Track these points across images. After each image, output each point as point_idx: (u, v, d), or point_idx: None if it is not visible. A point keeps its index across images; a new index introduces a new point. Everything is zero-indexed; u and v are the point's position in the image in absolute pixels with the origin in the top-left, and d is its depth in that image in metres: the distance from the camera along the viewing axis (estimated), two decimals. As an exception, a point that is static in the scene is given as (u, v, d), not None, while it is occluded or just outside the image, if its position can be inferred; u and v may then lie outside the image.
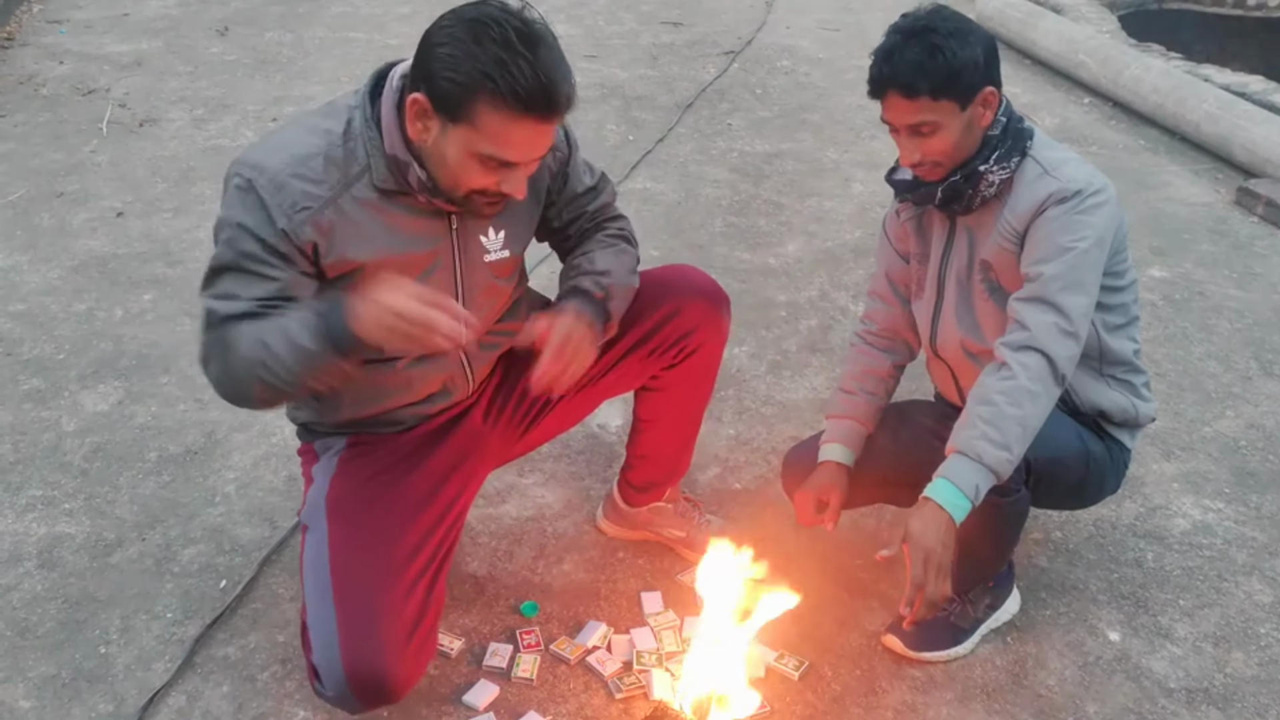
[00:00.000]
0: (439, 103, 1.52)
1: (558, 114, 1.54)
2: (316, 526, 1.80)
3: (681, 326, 1.97)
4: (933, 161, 1.78)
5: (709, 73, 5.02)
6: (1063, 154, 1.83)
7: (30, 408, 2.66)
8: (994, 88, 1.76)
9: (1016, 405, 1.69)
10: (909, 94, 1.71)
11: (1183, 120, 4.28)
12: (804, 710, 1.91)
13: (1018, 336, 1.74)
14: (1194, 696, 1.95)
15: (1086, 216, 1.74)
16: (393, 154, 1.62)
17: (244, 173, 1.60)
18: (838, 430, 2.05)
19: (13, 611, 2.09)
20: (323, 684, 1.70)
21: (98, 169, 3.97)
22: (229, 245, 1.61)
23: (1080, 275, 1.74)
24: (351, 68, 5.04)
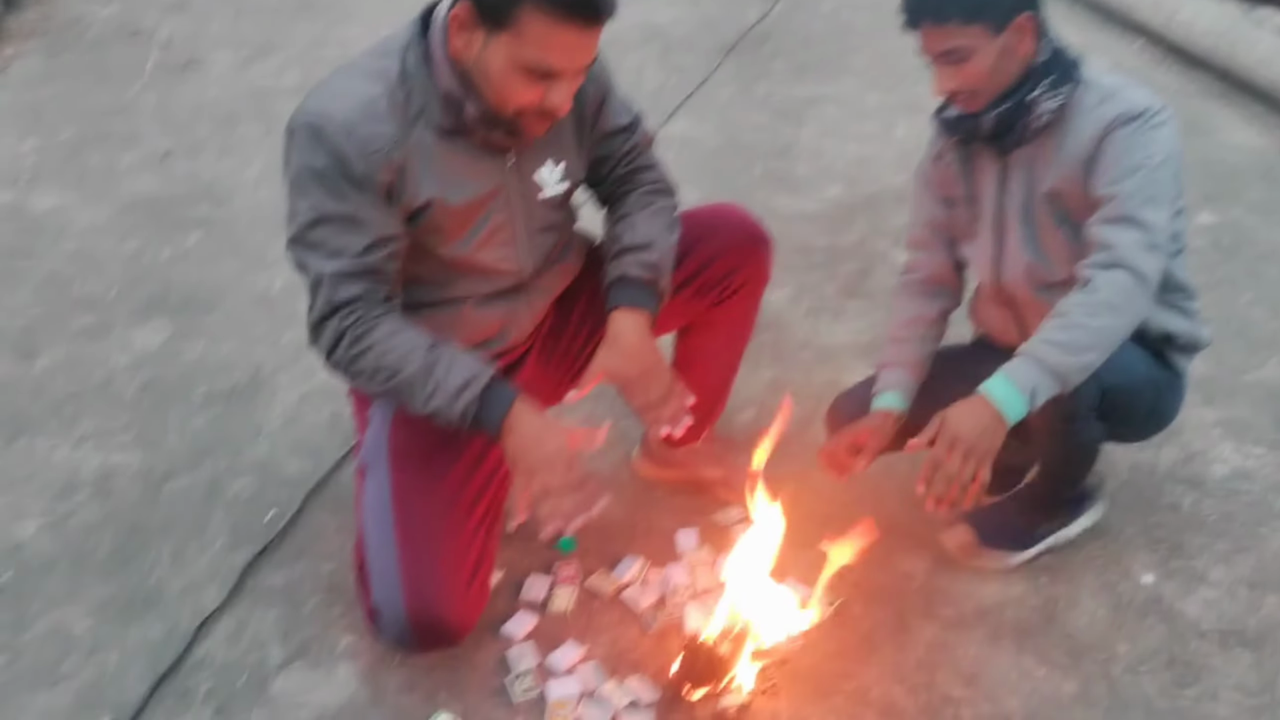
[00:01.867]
0: (483, 11, 1.54)
1: (600, 19, 1.55)
2: (377, 468, 1.83)
3: (724, 266, 1.99)
4: (969, 89, 1.76)
5: (752, 14, 4.96)
6: (1118, 79, 1.80)
7: (83, 343, 2.73)
8: (1030, 13, 1.73)
9: (1093, 316, 1.68)
10: (939, 19, 1.70)
11: (1235, 64, 4.18)
12: (835, 646, 1.94)
13: (1101, 256, 1.71)
14: (1226, 638, 1.96)
15: (1155, 133, 1.72)
16: (447, 90, 1.64)
17: (313, 121, 1.61)
18: (890, 379, 2.04)
19: (70, 537, 2.16)
20: (382, 625, 1.76)
21: (144, 110, 4.02)
22: (315, 193, 1.63)
23: (1157, 189, 1.71)
24: (394, 9, 5.01)
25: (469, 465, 1.84)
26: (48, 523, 2.19)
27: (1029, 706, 1.83)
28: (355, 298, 1.67)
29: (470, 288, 1.84)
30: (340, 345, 1.68)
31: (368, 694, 1.85)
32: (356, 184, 1.63)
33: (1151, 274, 1.71)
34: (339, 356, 1.70)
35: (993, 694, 1.85)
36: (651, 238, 1.87)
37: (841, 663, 1.90)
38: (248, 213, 3.33)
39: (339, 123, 1.61)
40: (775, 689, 1.84)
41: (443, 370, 1.65)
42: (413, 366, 1.65)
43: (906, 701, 1.84)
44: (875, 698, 1.85)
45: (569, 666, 1.88)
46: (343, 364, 1.71)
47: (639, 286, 1.84)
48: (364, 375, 1.70)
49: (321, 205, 1.64)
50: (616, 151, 1.94)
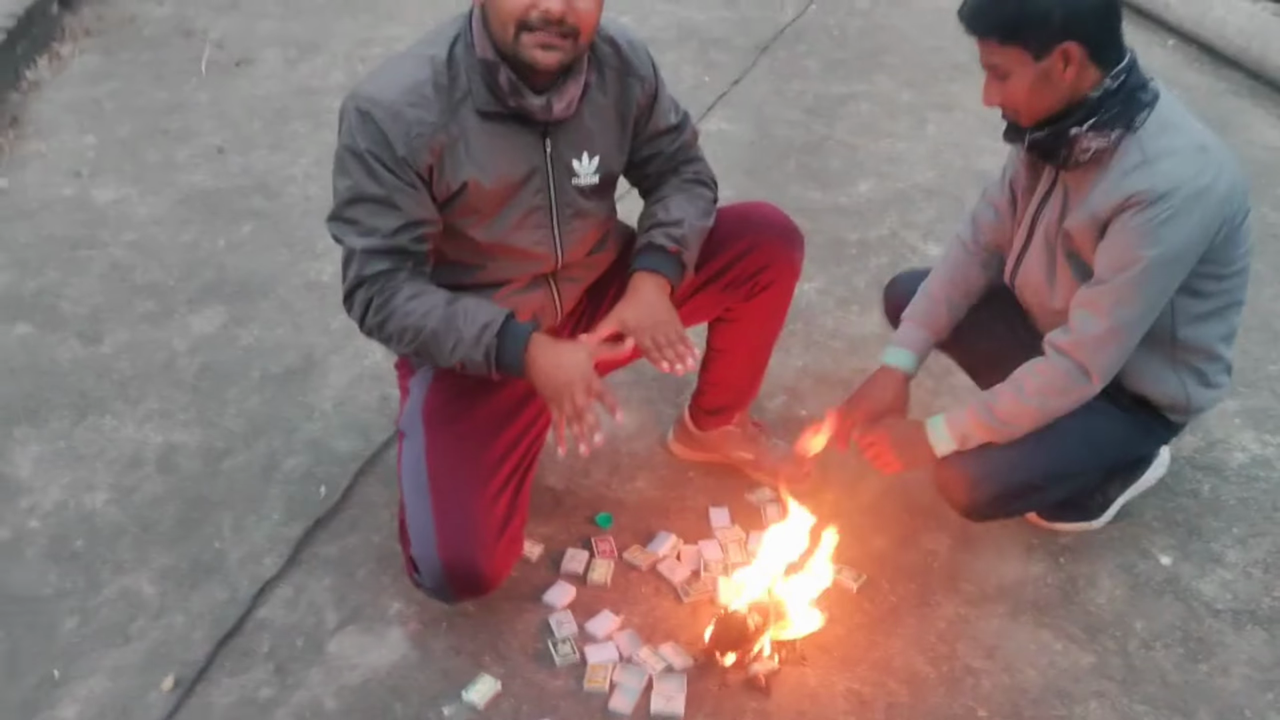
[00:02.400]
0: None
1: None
2: (414, 434, 1.95)
3: (756, 262, 2.07)
4: (1011, 109, 1.77)
5: (787, 14, 5.04)
6: (1176, 140, 1.73)
7: (145, 328, 2.86)
8: (1078, 43, 1.67)
9: (1045, 400, 1.87)
10: (977, 32, 1.72)
11: (1267, 63, 4.22)
12: (861, 619, 2.03)
13: (1065, 340, 1.83)
14: (1240, 617, 2.03)
15: (1165, 228, 1.69)
16: (483, 57, 1.74)
17: (361, 105, 1.73)
18: (910, 336, 2.12)
19: (136, 509, 2.29)
20: (421, 575, 1.87)
21: (198, 107, 4.16)
22: (355, 174, 1.75)
23: (1140, 291, 1.75)
24: (436, 9, 5.15)
25: (497, 426, 1.95)
26: (115, 495, 2.32)
27: (1046, 678, 1.91)
28: (381, 272, 1.79)
29: (504, 272, 1.95)
30: (369, 313, 1.81)
31: (417, 656, 1.96)
32: (396, 166, 1.74)
33: (1103, 369, 1.83)
34: (369, 323, 1.83)
35: (1011, 665, 1.94)
36: (683, 216, 1.96)
37: (867, 634, 1.99)
38: (298, 205, 3.46)
39: (386, 106, 1.72)
40: (803, 658, 1.93)
41: (462, 321, 1.77)
42: (434, 322, 1.77)
43: (929, 671, 1.93)
44: (899, 667, 1.93)
45: (606, 633, 1.99)
46: (373, 329, 1.83)
47: (662, 254, 1.93)
48: (393, 338, 1.82)
49: (360, 185, 1.75)
50: (665, 150, 2.03)
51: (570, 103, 1.81)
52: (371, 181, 1.75)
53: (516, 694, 1.89)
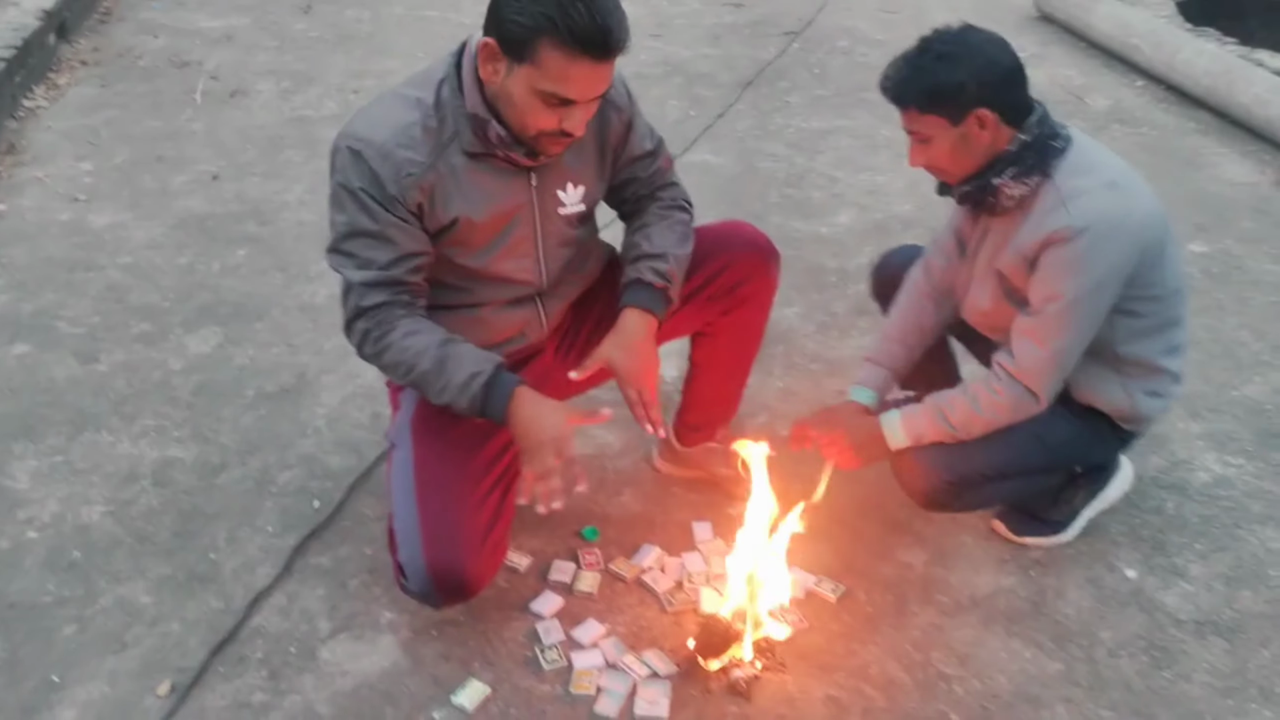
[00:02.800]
0: (506, 45, 1.71)
1: (612, 54, 1.70)
2: (403, 444, 2.02)
3: (733, 277, 2.16)
4: (936, 169, 1.95)
5: (769, 52, 5.18)
6: (1089, 180, 1.89)
7: (140, 348, 2.93)
8: (989, 110, 1.85)
9: (991, 411, 2.01)
10: (898, 104, 1.91)
11: (1233, 103, 4.37)
12: (839, 628, 2.10)
13: (1010, 364, 1.98)
14: (1202, 627, 2.11)
15: (1085, 260, 1.85)
16: (474, 112, 1.81)
17: (353, 145, 1.80)
18: (871, 376, 2.25)
19: (132, 521, 2.34)
20: (408, 579, 1.93)
21: (193, 135, 4.24)
22: (350, 210, 1.83)
23: (1072, 318, 1.91)
24: (427, 44, 5.28)
25: (483, 435, 2.01)
26: (111, 508, 2.38)
27: (1016, 684, 1.99)
28: (379, 304, 1.87)
29: (491, 294, 2.03)
30: (366, 343, 1.90)
31: (407, 662, 2.02)
32: (388, 204, 1.82)
33: (1046, 391, 1.99)
34: (366, 352, 1.92)
35: (984, 672, 2.01)
36: (666, 248, 2.05)
37: (845, 642, 2.06)
38: (292, 230, 3.54)
39: (376, 147, 1.80)
40: (782, 664, 2.00)
41: (453, 366, 1.85)
42: (426, 364, 1.85)
43: (904, 677, 1.99)
44: (875, 674, 2.00)
45: (592, 640, 2.05)
46: (370, 358, 1.93)
47: (650, 291, 2.01)
48: (388, 369, 1.93)
49: (355, 220, 1.83)
50: (640, 175, 2.12)
51: (559, 154, 1.91)
52: (366, 217, 1.82)
53: (505, 698, 1.95)
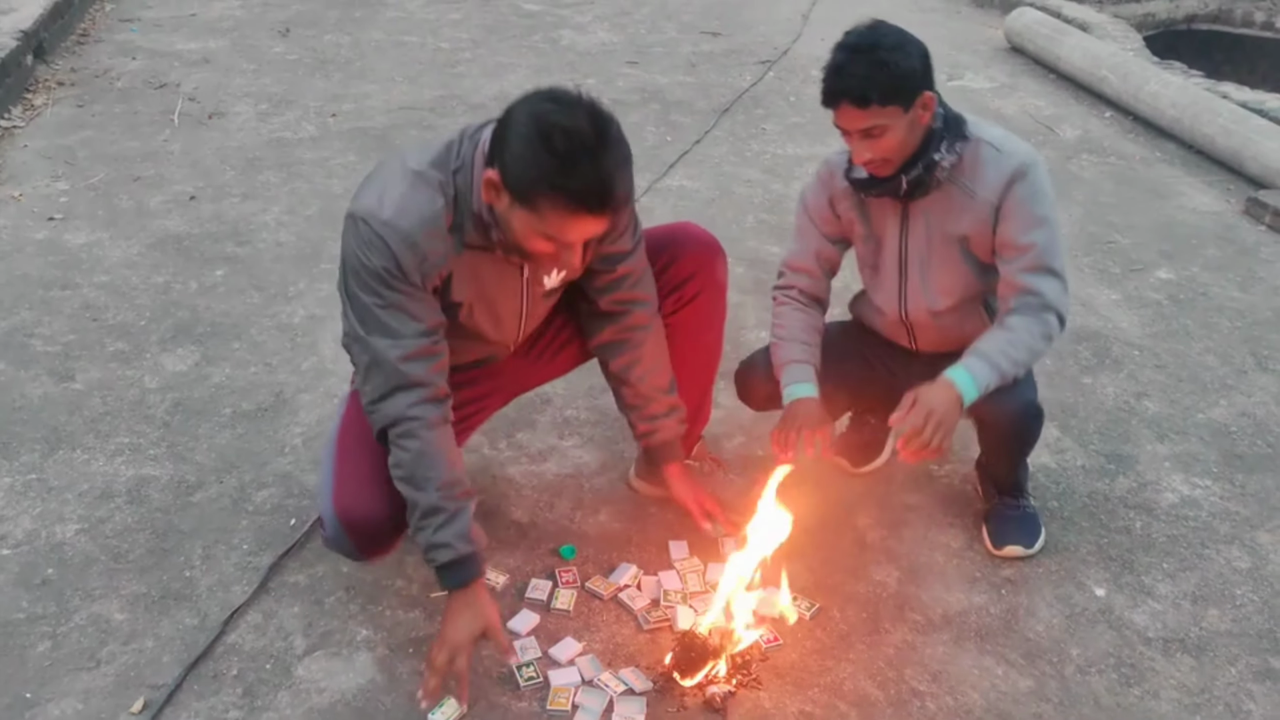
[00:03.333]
0: (509, 186, 1.72)
1: (613, 211, 1.72)
2: (338, 411, 2.11)
3: (680, 273, 2.22)
4: (882, 159, 2.02)
5: (745, 80, 5.25)
6: (994, 130, 2.12)
7: (116, 366, 2.92)
8: (931, 92, 2.00)
9: (1034, 340, 2.07)
10: (860, 104, 1.95)
11: (1198, 134, 4.46)
12: (813, 645, 2.11)
13: (1032, 300, 2.07)
14: (1170, 645, 2.14)
15: (1044, 185, 2.07)
16: (479, 212, 1.83)
17: (376, 228, 1.81)
18: (800, 372, 2.27)
19: (106, 539, 2.33)
20: (325, 529, 1.99)
21: (170, 156, 4.25)
22: (373, 287, 1.84)
23: (1058, 239, 2.09)
24: (406, 69, 5.31)
25: None
26: (86, 526, 2.37)
27: (988, 700, 2.01)
28: (419, 382, 1.89)
29: (469, 342, 2.08)
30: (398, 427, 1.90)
31: (384, 679, 2.02)
32: (410, 285, 1.85)
33: (1068, 314, 2.10)
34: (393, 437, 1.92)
35: (956, 689, 2.03)
36: (665, 382, 2.23)
37: (819, 659, 2.08)
38: (270, 250, 3.54)
39: (403, 235, 1.81)
40: (757, 681, 2.01)
41: (439, 522, 1.90)
42: (423, 500, 1.90)
43: (877, 694, 2.01)
44: (849, 691, 2.02)
45: (569, 658, 2.05)
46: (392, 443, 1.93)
47: (672, 445, 2.28)
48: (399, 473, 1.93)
49: (381, 294, 1.85)
50: (611, 265, 2.10)
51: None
52: (392, 292, 1.84)
53: (481, 715, 1.95)
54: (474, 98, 4.91)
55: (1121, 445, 2.71)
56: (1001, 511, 2.37)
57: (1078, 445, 2.71)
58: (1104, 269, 3.59)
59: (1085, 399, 2.89)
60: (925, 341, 2.32)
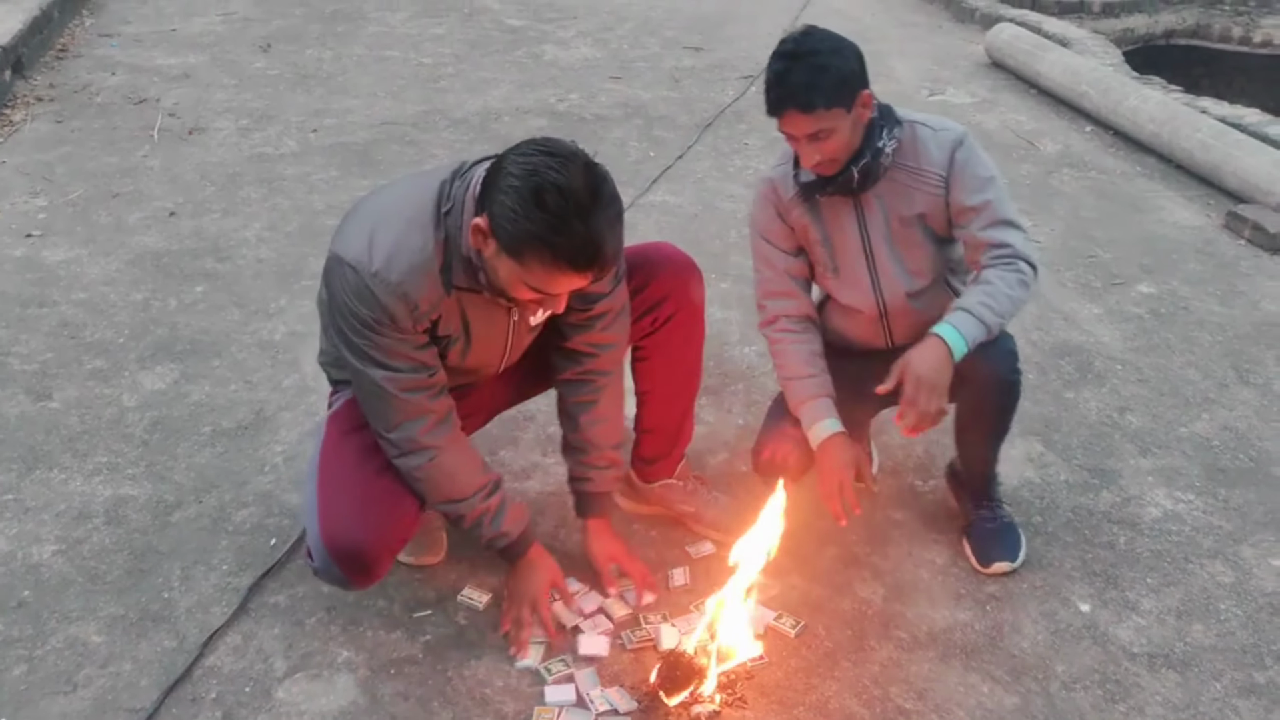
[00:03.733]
0: (497, 236, 1.71)
1: (600, 269, 1.72)
2: (317, 437, 2.09)
3: (655, 294, 2.20)
4: (830, 159, 2.07)
5: (728, 95, 5.26)
6: (923, 113, 2.21)
7: (94, 385, 2.89)
8: (868, 90, 2.07)
9: (1011, 289, 2.08)
10: (806, 109, 1.99)
11: (1177, 148, 4.49)
12: (799, 664, 2.10)
13: (1003, 251, 2.10)
14: (1155, 661, 2.14)
15: (980, 150, 2.16)
16: (467, 255, 1.82)
17: (367, 280, 1.80)
18: (822, 408, 2.26)
19: (83, 560, 2.31)
20: (313, 560, 1.97)
21: (150, 172, 4.22)
22: (362, 331, 1.85)
23: (1006, 192, 2.15)
24: (388, 84, 5.30)
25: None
26: (63, 547, 2.34)
27: (974, 718, 2.00)
28: (424, 411, 1.94)
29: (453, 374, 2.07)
30: (412, 457, 1.96)
31: (365, 701, 2.00)
32: (401, 331, 1.86)
33: (1037, 262, 2.12)
34: (407, 465, 1.98)
35: (941, 707, 2.02)
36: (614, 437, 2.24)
37: (804, 678, 2.07)
38: (251, 267, 3.52)
39: (393, 287, 1.81)
40: (743, 700, 2.00)
41: (488, 520, 2.07)
42: (466, 509, 2.04)
43: (863, 712, 2.00)
44: (834, 709, 2.01)
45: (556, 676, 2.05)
46: (407, 470, 1.99)
47: (603, 499, 2.29)
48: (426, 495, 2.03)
49: (372, 339, 1.86)
50: (588, 304, 2.08)
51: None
52: (381, 335, 1.86)
53: (464, 737, 1.94)
54: (457, 113, 4.90)
55: (1104, 460, 2.72)
56: (981, 526, 2.37)
57: (1061, 460, 2.71)
58: (1086, 283, 3.61)
59: (1068, 413, 2.90)
60: (901, 332, 2.31)
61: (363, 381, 1.92)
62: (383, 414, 1.94)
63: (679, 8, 6.86)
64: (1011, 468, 2.66)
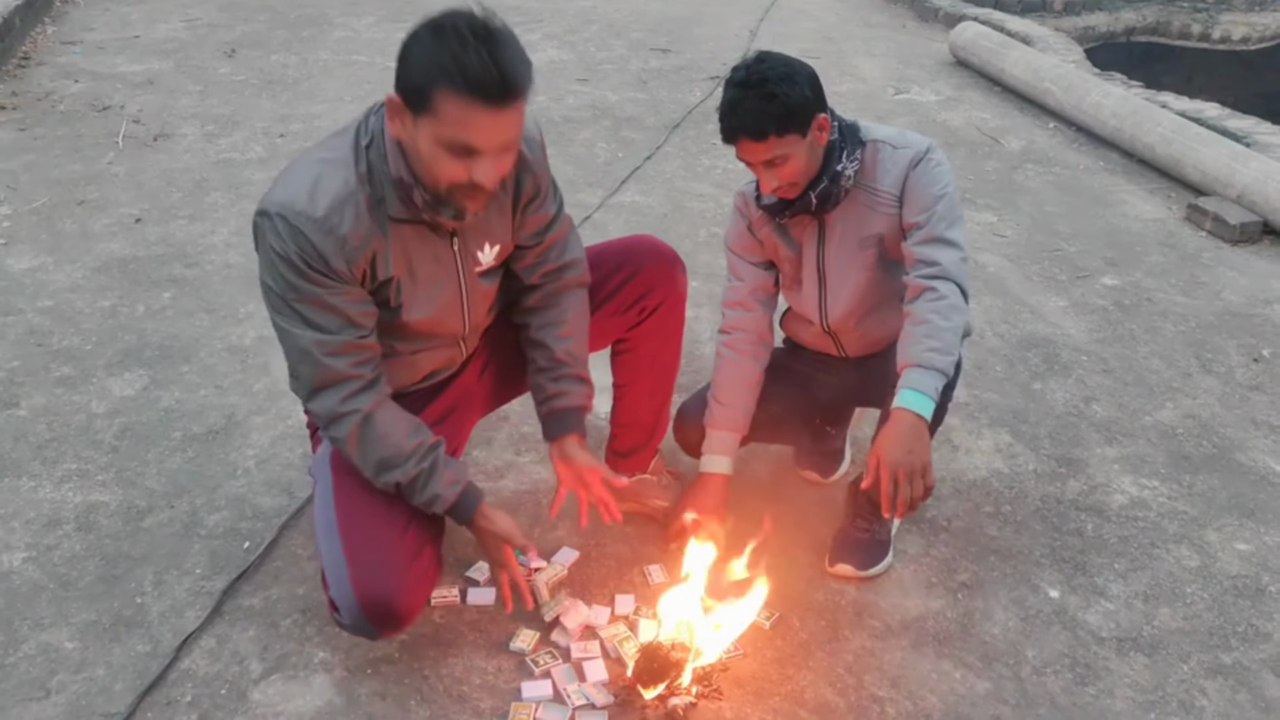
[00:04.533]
0: (407, 98, 1.69)
1: (510, 100, 1.66)
2: (322, 477, 2.03)
3: (640, 287, 2.22)
4: (789, 184, 2.08)
5: (695, 96, 5.29)
6: (892, 130, 2.20)
7: (62, 392, 2.87)
8: (824, 113, 2.05)
9: (948, 319, 2.04)
10: (759, 137, 2.00)
11: (1139, 143, 4.56)
12: (774, 654, 2.12)
13: (930, 270, 2.07)
14: (1123, 644, 2.17)
15: (939, 169, 2.12)
16: (398, 177, 1.80)
17: (290, 219, 1.75)
18: (719, 442, 2.32)
19: (54, 567, 2.29)
20: (341, 614, 1.92)
21: (115, 179, 4.19)
22: (291, 279, 1.79)
23: (956, 212, 2.12)
24: (355, 88, 5.29)
25: None
26: (33, 554, 2.32)
27: (947, 704, 2.02)
28: (345, 377, 1.87)
29: (418, 344, 2.06)
30: (336, 426, 1.90)
31: (342, 701, 1.99)
32: (334, 276, 1.81)
33: (967, 282, 2.11)
34: (334, 435, 1.92)
35: (915, 694, 2.04)
36: (583, 353, 2.17)
37: (779, 668, 2.09)
38: (219, 272, 3.50)
39: (318, 222, 1.76)
40: (719, 692, 2.01)
41: (420, 484, 1.95)
42: (399, 476, 1.93)
43: (837, 701, 2.02)
44: (809, 699, 2.03)
45: (542, 670, 2.05)
46: (337, 442, 1.94)
47: (578, 414, 2.18)
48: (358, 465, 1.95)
49: (301, 288, 1.80)
50: (538, 238, 2.10)
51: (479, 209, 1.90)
52: (311, 285, 1.80)
53: (441, 735, 1.94)
54: (424, 116, 4.89)
55: (1071, 449, 2.76)
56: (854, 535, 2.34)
57: (1029, 450, 2.74)
58: (1051, 276, 3.65)
59: (1035, 404, 2.93)
60: (852, 347, 2.37)
61: (290, 347, 1.86)
62: (305, 380, 1.88)
63: (645, 10, 6.89)
64: (980, 459, 2.69)
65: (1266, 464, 2.72)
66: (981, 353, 3.16)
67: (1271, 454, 2.76)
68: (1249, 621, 2.23)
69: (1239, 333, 3.31)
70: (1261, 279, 3.66)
